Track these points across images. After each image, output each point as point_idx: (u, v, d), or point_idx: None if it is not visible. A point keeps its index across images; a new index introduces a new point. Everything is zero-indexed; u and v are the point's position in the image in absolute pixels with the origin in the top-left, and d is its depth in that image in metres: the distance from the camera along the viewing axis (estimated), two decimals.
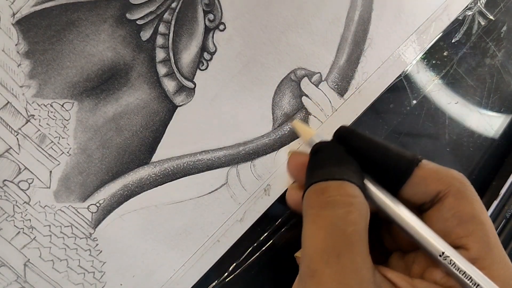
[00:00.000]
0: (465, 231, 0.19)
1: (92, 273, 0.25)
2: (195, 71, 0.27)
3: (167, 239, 0.27)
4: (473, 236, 0.19)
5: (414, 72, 0.32)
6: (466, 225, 0.19)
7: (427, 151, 0.34)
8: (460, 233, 0.19)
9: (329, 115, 0.30)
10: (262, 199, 0.28)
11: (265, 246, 0.29)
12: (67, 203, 0.25)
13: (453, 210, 0.19)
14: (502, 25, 0.35)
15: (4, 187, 0.23)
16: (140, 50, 0.25)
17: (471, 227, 0.19)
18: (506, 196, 0.34)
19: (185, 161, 0.27)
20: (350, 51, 0.30)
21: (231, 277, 0.29)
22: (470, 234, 0.19)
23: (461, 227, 0.19)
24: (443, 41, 0.33)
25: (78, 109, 0.24)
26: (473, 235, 0.19)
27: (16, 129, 0.23)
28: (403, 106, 0.32)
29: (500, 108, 0.36)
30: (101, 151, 0.25)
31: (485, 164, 0.36)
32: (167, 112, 0.26)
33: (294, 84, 0.29)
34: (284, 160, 0.29)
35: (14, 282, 0.24)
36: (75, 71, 0.24)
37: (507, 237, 0.34)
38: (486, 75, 0.35)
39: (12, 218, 0.24)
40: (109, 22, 0.24)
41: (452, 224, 0.19)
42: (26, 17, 0.23)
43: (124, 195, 0.26)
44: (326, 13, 0.29)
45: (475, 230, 0.19)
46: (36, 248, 0.24)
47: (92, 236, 0.25)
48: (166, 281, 0.27)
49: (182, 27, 0.26)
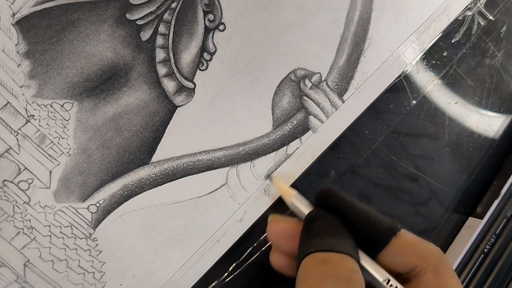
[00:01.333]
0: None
1: (92, 273, 0.25)
2: (195, 71, 0.27)
3: (167, 239, 0.27)
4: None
5: (414, 72, 0.32)
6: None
7: (427, 151, 0.34)
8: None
9: (329, 115, 0.30)
10: (262, 199, 0.28)
11: (265, 246, 0.29)
12: (67, 203, 0.25)
13: (431, 287, 0.20)
14: (501, 26, 0.35)
15: (4, 187, 0.23)
16: (140, 50, 0.25)
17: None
18: (507, 196, 0.34)
19: (185, 161, 0.27)
20: (350, 51, 0.30)
21: (231, 277, 0.29)
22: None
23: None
24: (443, 42, 0.33)
25: (78, 109, 0.24)
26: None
27: (16, 129, 0.23)
28: (403, 106, 0.32)
29: (500, 108, 0.36)
30: (101, 151, 0.25)
31: (485, 164, 0.36)
32: (167, 112, 0.26)
33: (294, 84, 0.29)
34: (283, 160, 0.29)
35: (14, 282, 0.24)
36: (75, 71, 0.24)
37: (507, 237, 0.34)
38: (486, 75, 0.35)
39: (12, 218, 0.24)
40: (109, 22, 0.24)
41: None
42: (26, 17, 0.23)
43: (124, 195, 0.26)
44: (326, 13, 0.29)
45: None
46: (36, 248, 0.24)
47: (92, 236, 0.25)
48: (166, 281, 0.27)
49: (182, 27, 0.26)
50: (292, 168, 0.29)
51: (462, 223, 0.35)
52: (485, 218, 0.34)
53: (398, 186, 0.33)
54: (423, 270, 0.20)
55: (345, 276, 0.18)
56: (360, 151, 0.32)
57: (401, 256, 0.20)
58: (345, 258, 0.19)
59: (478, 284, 0.33)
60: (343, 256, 0.19)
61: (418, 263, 0.20)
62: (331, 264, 0.19)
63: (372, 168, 0.32)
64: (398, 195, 0.33)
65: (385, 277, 0.20)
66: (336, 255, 0.19)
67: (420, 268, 0.20)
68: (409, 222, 0.34)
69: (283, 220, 0.24)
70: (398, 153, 0.33)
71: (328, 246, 0.19)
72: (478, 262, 0.33)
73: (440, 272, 0.20)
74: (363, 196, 0.32)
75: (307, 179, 0.30)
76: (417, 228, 0.34)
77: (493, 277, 0.33)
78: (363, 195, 0.32)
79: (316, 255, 0.19)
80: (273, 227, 0.24)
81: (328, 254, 0.19)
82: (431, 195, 0.34)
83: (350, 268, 0.19)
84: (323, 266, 0.19)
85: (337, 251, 0.19)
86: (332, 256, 0.19)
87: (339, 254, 0.19)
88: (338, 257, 0.19)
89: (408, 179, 0.33)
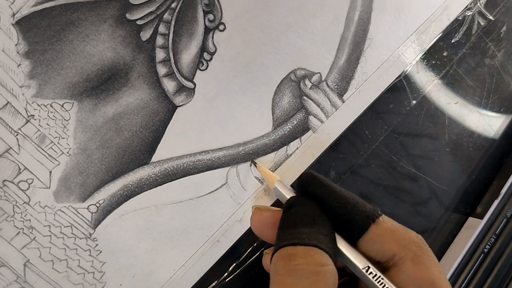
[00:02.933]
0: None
1: (92, 273, 0.25)
2: (195, 71, 0.27)
3: (167, 239, 0.27)
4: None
5: (413, 72, 0.32)
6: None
7: (427, 151, 0.34)
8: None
9: (329, 115, 0.30)
10: (262, 199, 0.28)
11: (265, 246, 0.29)
12: (67, 203, 0.25)
13: (412, 276, 0.19)
14: (501, 25, 0.35)
15: (4, 187, 0.23)
16: (140, 50, 0.25)
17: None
18: (507, 196, 0.34)
19: (185, 161, 0.27)
20: (350, 51, 0.30)
21: (231, 277, 0.29)
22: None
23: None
24: (443, 42, 0.33)
25: (78, 109, 0.24)
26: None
27: (16, 129, 0.23)
28: (403, 106, 0.32)
29: (499, 108, 0.36)
30: (101, 151, 0.25)
31: (485, 164, 0.36)
32: (167, 112, 0.26)
33: (294, 84, 0.29)
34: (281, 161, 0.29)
35: (14, 282, 0.24)
36: (75, 71, 0.24)
37: (507, 237, 0.34)
38: (486, 75, 0.35)
39: (12, 218, 0.24)
40: (109, 22, 0.24)
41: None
42: (26, 17, 0.23)
43: (124, 195, 0.26)
44: (326, 13, 0.29)
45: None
46: (36, 248, 0.24)
47: (92, 236, 0.25)
48: (166, 281, 0.27)
49: (182, 27, 0.26)
50: (292, 168, 0.29)
51: (462, 223, 0.35)
52: (485, 218, 0.34)
53: (398, 186, 0.33)
54: (403, 259, 0.19)
55: (312, 270, 0.18)
56: (360, 151, 0.32)
57: (380, 244, 0.20)
58: (312, 251, 0.19)
59: (478, 284, 0.33)
60: (310, 249, 0.19)
61: (397, 251, 0.20)
62: (297, 259, 0.18)
63: (372, 168, 0.32)
64: (398, 195, 0.33)
65: (365, 264, 0.20)
66: (303, 248, 0.19)
67: (399, 257, 0.20)
68: (409, 222, 0.34)
69: (266, 209, 0.23)
70: (398, 153, 0.33)
71: (298, 239, 0.19)
72: (478, 262, 0.33)
73: (420, 261, 0.19)
74: (363, 196, 0.32)
75: None
76: (417, 228, 0.34)
77: (493, 277, 0.33)
78: (363, 195, 0.32)
79: (284, 250, 0.19)
80: (256, 216, 0.23)
81: (295, 248, 0.19)
82: (431, 195, 0.34)
83: (317, 261, 0.18)
84: (289, 261, 0.18)
85: (305, 243, 0.19)
86: (298, 250, 0.19)
87: (306, 248, 0.19)
88: (305, 251, 0.19)
89: (408, 179, 0.33)
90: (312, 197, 0.22)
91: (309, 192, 0.22)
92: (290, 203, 0.22)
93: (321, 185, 0.22)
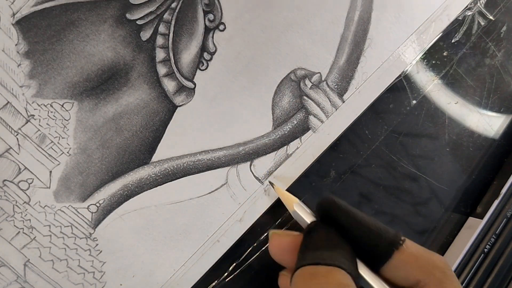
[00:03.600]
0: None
1: (92, 273, 0.25)
2: (195, 71, 0.27)
3: (167, 239, 0.27)
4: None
5: (414, 72, 0.32)
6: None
7: (427, 151, 0.34)
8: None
9: (329, 115, 0.30)
10: (262, 199, 0.28)
11: (265, 246, 0.29)
12: (67, 203, 0.25)
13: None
14: (502, 25, 0.35)
15: (4, 187, 0.23)
16: (140, 50, 0.25)
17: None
18: (507, 196, 0.34)
19: (185, 161, 0.27)
20: (350, 51, 0.30)
21: (231, 277, 0.29)
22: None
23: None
24: (443, 41, 0.33)
25: (78, 109, 0.24)
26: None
27: (16, 129, 0.23)
28: (403, 106, 0.32)
29: (500, 108, 0.36)
30: (101, 151, 0.25)
31: (485, 164, 0.36)
32: (167, 112, 0.26)
33: (294, 84, 0.29)
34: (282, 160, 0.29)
35: (14, 282, 0.24)
36: (75, 71, 0.24)
37: (507, 237, 0.34)
38: (486, 75, 0.35)
39: (12, 218, 0.24)
40: (109, 22, 0.24)
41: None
42: (26, 17, 0.23)
43: (124, 195, 0.26)
44: (326, 13, 0.29)
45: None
46: (36, 248, 0.24)
47: (92, 236, 0.25)
48: (166, 281, 0.27)
49: (182, 27, 0.26)
50: (292, 168, 0.29)
51: (462, 223, 0.35)
52: (485, 218, 0.34)
53: (398, 186, 0.33)
54: (427, 285, 0.19)
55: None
56: (360, 151, 0.32)
57: (404, 270, 0.20)
58: (334, 270, 0.19)
59: (478, 284, 0.33)
60: (332, 268, 0.19)
61: (421, 277, 0.19)
62: (319, 277, 0.18)
63: (372, 168, 0.32)
64: (398, 195, 0.33)
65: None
66: (325, 268, 0.19)
67: (424, 283, 0.19)
68: (409, 222, 0.34)
69: (284, 234, 0.23)
70: (398, 153, 0.33)
71: (319, 259, 0.19)
72: (478, 262, 0.33)
73: (444, 286, 0.19)
74: (363, 196, 0.32)
75: (307, 179, 0.30)
76: (417, 228, 0.34)
77: (493, 277, 0.33)
78: (363, 195, 0.32)
79: (305, 269, 0.19)
80: (275, 242, 0.23)
81: (317, 267, 0.19)
82: (431, 195, 0.34)
83: (339, 281, 0.18)
84: (311, 280, 0.18)
85: (326, 263, 0.19)
86: (320, 269, 0.19)
87: (328, 267, 0.19)
88: (326, 270, 0.19)
89: (408, 179, 0.33)
90: (333, 222, 0.22)
91: (329, 218, 0.22)
92: (311, 228, 0.22)
93: (341, 210, 0.21)
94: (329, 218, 0.22)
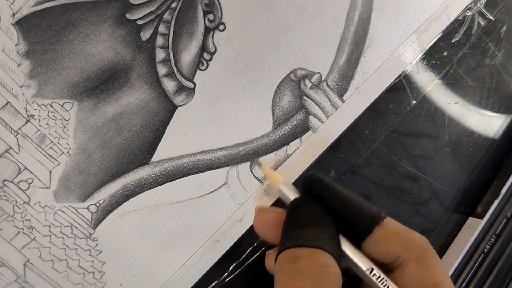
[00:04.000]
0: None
1: (92, 273, 0.25)
2: (195, 71, 0.27)
3: (167, 239, 0.27)
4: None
5: (414, 72, 0.32)
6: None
7: (427, 151, 0.34)
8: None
9: (329, 115, 0.30)
10: (262, 199, 0.28)
11: (265, 246, 0.29)
12: (67, 203, 0.25)
13: (415, 278, 0.19)
14: (501, 25, 0.35)
15: (4, 187, 0.23)
16: (140, 50, 0.25)
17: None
18: (507, 196, 0.34)
19: (185, 161, 0.27)
20: (350, 51, 0.30)
21: (231, 277, 0.29)
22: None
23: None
24: (443, 41, 0.33)
25: (78, 109, 0.24)
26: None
27: (16, 129, 0.23)
28: (403, 106, 0.32)
29: (500, 108, 0.36)
30: (101, 151, 0.25)
31: (485, 164, 0.36)
32: (167, 112, 0.26)
33: (294, 84, 0.29)
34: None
35: (14, 282, 0.24)
36: (75, 71, 0.24)
37: (507, 237, 0.34)
38: (486, 75, 0.35)
39: (12, 218, 0.24)
40: (109, 22, 0.24)
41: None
42: (26, 17, 0.23)
43: (124, 195, 0.26)
44: (326, 13, 0.29)
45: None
46: (36, 248, 0.24)
47: (92, 236, 0.25)
48: (166, 281, 0.27)
49: (182, 27, 0.26)
50: (292, 168, 0.29)
51: (462, 223, 0.35)
52: (485, 218, 0.34)
53: (398, 186, 0.33)
54: (407, 260, 0.20)
55: (316, 271, 0.18)
56: (360, 151, 0.32)
57: (384, 246, 0.20)
58: (317, 252, 0.19)
59: (478, 284, 0.33)
60: (314, 250, 0.19)
61: (401, 253, 0.20)
62: (301, 260, 0.18)
63: (372, 168, 0.32)
64: (398, 195, 0.33)
65: (369, 266, 0.20)
66: (307, 250, 0.19)
67: (403, 258, 0.20)
68: (409, 222, 0.34)
69: (269, 210, 0.23)
70: (398, 153, 0.33)
71: (302, 240, 0.19)
72: (478, 262, 0.33)
73: (424, 262, 0.19)
74: (363, 196, 0.32)
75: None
76: (417, 228, 0.34)
77: (493, 277, 0.33)
78: (363, 195, 0.32)
79: (289, 251, 0.19)
80: (259, 217, 0.23)
81: (300, 249, 0.19)
82: (431, 195, 0.34)
83: (321, 263, 0.18)
84: (294, 263, 0.19)
85: (309, 245, 0.19)
86: (303, 252, 0.19)
87: (311, 249, 0.19)
88: (309, 252, 0.19)
89: (408, 179, 0.33)
90: (316, 198, 0.22)
91: (313, 194, 0.22)
92: (294, 205, 0.22)
93: (325, 186, 0.22)
94: (313, 195, 0.22)
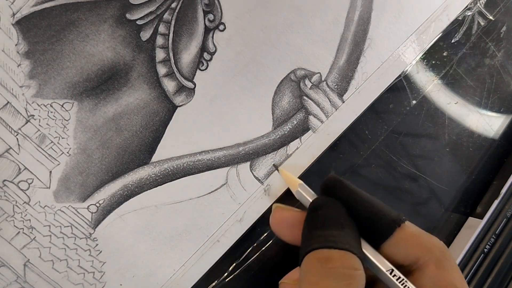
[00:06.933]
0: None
1: (92, 273, 0.25)
2: (195, 71, 0.27)
3: (167, 239, 0.27)
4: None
5: (413, 72, 0.32)
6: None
7: (426, 151, 0.34)
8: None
9: (329, 115, 0.30)
10: (262, 199, 0.28)
11: (265, 246, 0.29)
12: (67, 203, 0.25)
13: (434, 280, 0.20)
14: (501, 25, 0.35)
15: (4, 187, 0.23)
16: (140, 50, 0.25)
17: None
18: (507, 196, 0.34)
19: (185, 161, 0.27)
20: (350, 51, 0.30)
21: (231, 277, 0.29)
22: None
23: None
24: (443, 42, 0.33)
25: (78, 109, 0.24)
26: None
27: (16, 129, 0.23)
28: (403, 106, 0.32)
29: (499, 108, 0.36)
30: (101, 151, 0.25)
31: (485, 164, 0.36)
32: (167, 112, 0.26)
33: (294, 84, 0.29)
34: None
35: (14, 282, 0.24)
36: (75, 71, 0.24)
37: (507, 237, 0.34)
38: (486, 75, 0.35)
39: (12, 218, 0.24)
40: (109, 22, 0.24)
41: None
42: (26, 17, 0.23)
43: (124, 195, 0.26)
44: (326, 13, 0.29)
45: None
46: (36, 248, 0.24)
47: (92, 236, 0.25)
48: (166, 281, 0.27)
49: (182, 27, 0.26)
50: (292, 168, 0.29)
51: (462, 223, 0.35)
52: (485, 218, 0.34)
53: (398, 186, 0.33)
54: (426, 263, 0.20)
55: (347, 273, 0.18)
56: (360, 151, 0.32)
57: (404, 248, 0.20)
58: (347, 255, 0.19)
59: (478, 284, 0.33)
60: (344, 253, 0.19)
61: (421, 255, 0.20)
62: (332, 262, 0.19)
63: (372, 168, 0.32)
64: (398, 195, 0.33)
65: (389, 267, 0.20)
66: (338, 252, 0.19)
67: (423, 261, 0.20)
68: (409, 222, 0.34)
69: (287, 209, 0.24)
70: (398, 153, 0.33)
71: (331, 242, 0.20)
72: (478, 262, 0.33)
73: (443, 265, 0.20)
74: None
75: (307, 179, 0.30)
76: None
77: (493, 277, 0.33)
78: None
79: (319, 252, 0.19)
80: (277, 215, 0.24)
81: (330, 251, 0.19)
82: (431, 195, 0.34)
83: (352, 265, 0.19)
84: (325, 264, 0.19)
85: (339, 247, 0.19)
86: (334, 253, 0.19)
87: (341, 252, 0.19)
88: (340, 255, 0.19)
89: (408, 179, 0.33)
90: (337, 199, 0.22)
91: (333, 196, 0.22)
92: (316, 205, 0.22)
93: (346, 188, 0.22)
94: (334, 197, 0.22)
